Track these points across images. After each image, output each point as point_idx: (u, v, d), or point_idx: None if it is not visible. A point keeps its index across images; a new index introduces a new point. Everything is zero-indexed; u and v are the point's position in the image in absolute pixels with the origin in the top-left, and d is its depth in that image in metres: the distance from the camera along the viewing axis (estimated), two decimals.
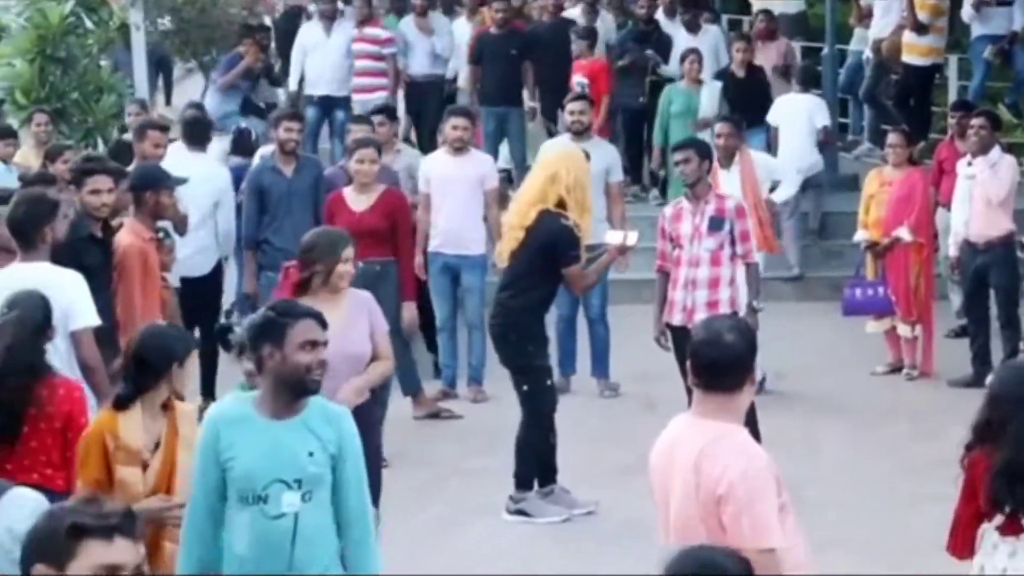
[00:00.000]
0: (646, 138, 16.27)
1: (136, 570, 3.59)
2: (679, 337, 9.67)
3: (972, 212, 12.11)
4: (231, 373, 8.12)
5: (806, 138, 15.05)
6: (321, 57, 16.26)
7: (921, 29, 16.03)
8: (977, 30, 16.16)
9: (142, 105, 14.37)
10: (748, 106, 14.74)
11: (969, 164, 12.32)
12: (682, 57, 15.65)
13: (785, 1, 18.47)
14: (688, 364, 5.20)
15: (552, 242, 9.20)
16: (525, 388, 9.37)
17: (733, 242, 10.01)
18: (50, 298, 7.21)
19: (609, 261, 9.71)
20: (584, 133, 11.98)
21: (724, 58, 16.53)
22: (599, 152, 11.74)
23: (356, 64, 16.24)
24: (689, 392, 5.27)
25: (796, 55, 17.21)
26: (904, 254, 12.30)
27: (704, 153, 10.25)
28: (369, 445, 6.66)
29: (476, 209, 11.68)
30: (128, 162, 10.21)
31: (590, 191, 9.50)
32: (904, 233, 12.23)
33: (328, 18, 16.42)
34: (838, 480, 9.99)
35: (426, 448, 10.71)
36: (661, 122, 15.26)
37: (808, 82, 15.53)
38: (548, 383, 9.43)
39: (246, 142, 13.86)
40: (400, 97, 16.92)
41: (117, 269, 8.45)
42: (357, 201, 10.57)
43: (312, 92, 16.34)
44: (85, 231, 8.32)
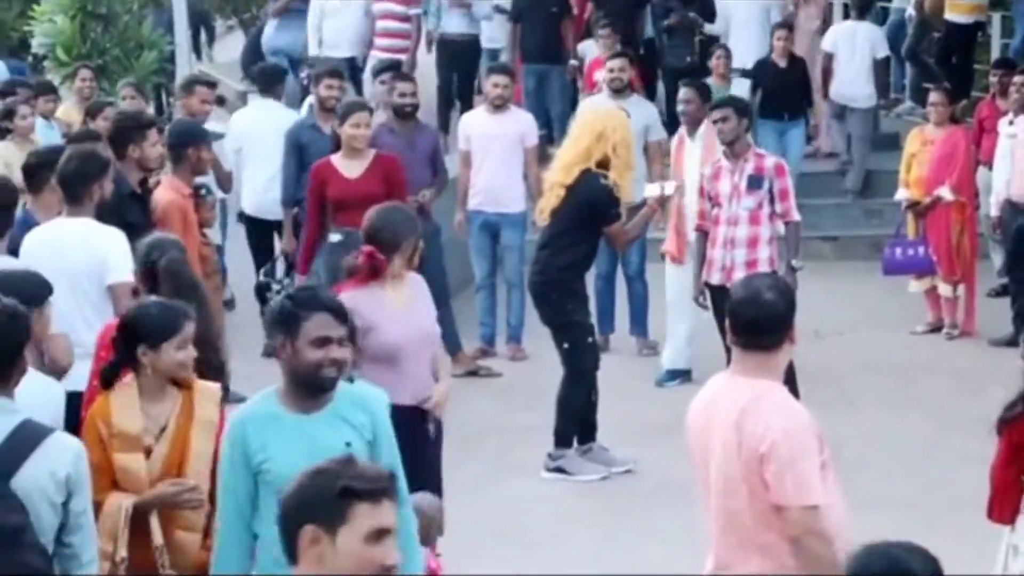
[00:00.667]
0: None
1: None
2: (718, 296, 9.67)
3: (1014, 171, 12.04)
4: None
5: (864, 67, 15.01)
6: (341, 19, 15.76)
7: None
8: None
9: (137, 88, 13.37)
10: (788, 97, 14.52)
11: (1011, 123, 12.27)
12: (709, 52, 15.09)
13: None
14: (727, 323, 5.21)
15: (593, 201, 9.20)
16: (566, 346, 9.39)
17: (772, 200, 9.99)
18: (91, 251, 7.30)
19: (650, 215, 9.73)
20: (623, 91, 11.95)
21: (776, 15, 16.06)
22: (638, 110, 11.71)
23: (379, 24, 15.76)
24: (728, 351, 5.27)
25: (836, 15, 17.09)
26: (945, 213, 12.24)
27: (742, 112, 10.23)
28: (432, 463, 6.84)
29: (516, 167, 11.67)
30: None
31: (634, 150, 9.50)
32: (945, 192, 12.16)
33: None
34: (877, 439, 9.98)
35: (465, 406, 10.71)
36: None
37: (864, 10, 15.46)
38: (589, 340, 9.44)
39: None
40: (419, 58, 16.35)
41: (158, 226, 8.47)
42: (349, 167, 10.04)
43: (332, 55, 15.52)
44: (127, 188, 8.35)
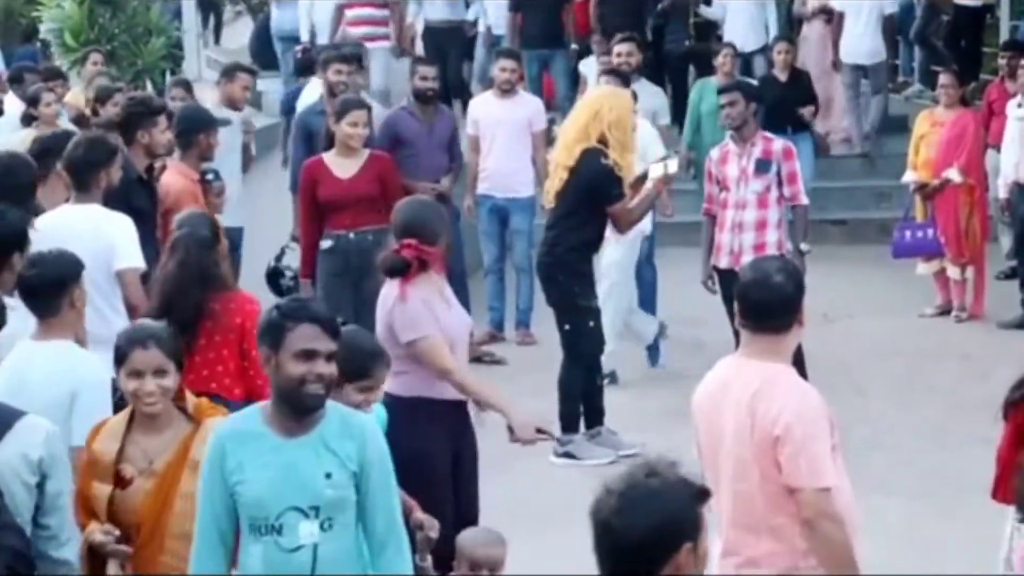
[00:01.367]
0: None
1: None
2: (726, 280, 9.67)
3: (1022, 154, 12.03)
4: None
5: (872, 22, 15.04)
6: (332, 3, 15.55)
7: None
8: None
9: (186, 87, 13.10)
10: (791, 111, 14.09)
11: (1019, 105, 12.26)
12: (715, 52, 14.68)
13: None
14: (736, 305, 5.21)
15: (593, 181, 9.17)
16: (567, 327, 9.39)
17: (780, 184, 9.98)
18: (99, 238, 7.30)
19: (655, 194, 9.65)
20: (632, 75, 11.93)
21: (772, 10, 15.93)
22: (646, 95, 11.70)
23: (352, 13, 15.21)
24: (736, 334, 5.27)
25: None
26: (954, 195, 12.22)
27: (751, 95, 10.21)
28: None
29: (524, 151, 11.68)
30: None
31: (631, 131, 9.44)
32: (954, 174, 12.14)
33: None
34: (886, 422, 9.98)
35: None
36: (691, 120, 13.77)
37: None
38: (591, 324, 9.43)
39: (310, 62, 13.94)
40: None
41: (170, 213, 8.46)
42: (342, 167, 9.62)
43: (322, 41, 15.34)
44: (134, 173, 8.36)
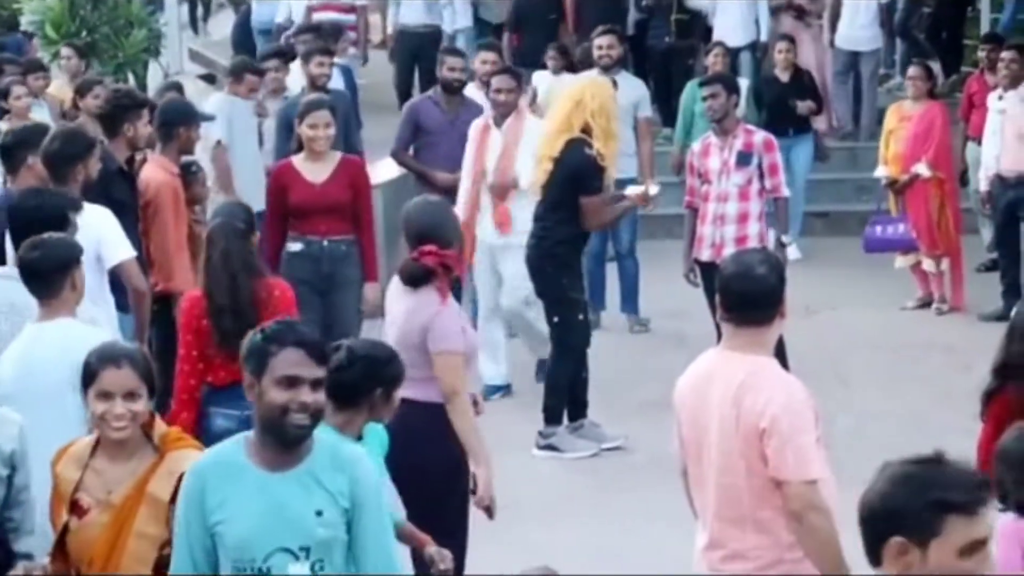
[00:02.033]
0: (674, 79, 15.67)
1: None
2: (708, 272, 9.68)
3: (1003, 146, 12.05)
4: None
5: (871, 8, 15.13)
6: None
7: None
8: None
9: (179, 90, 13.55)
10: (792, 112, 13.73)
11: (1000, 98, 12.26)
12: (707, 51, 14.26)
13: None
14: (718, 298, 5.21)
15: (576, 171, 9.16)
16: (556, 320, 9.39)
17: (762, 176, 9.99)
18: (83, 235, 7.27)
19: (629, 208, 9.72)
20: (612, 68, 11.93)
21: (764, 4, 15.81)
22: (628, 86, 11.70)
23: (319, 17, 14.94)
24: (719, 327, 5.27)
25: None
26: (924, 189, 12.17)
27: (732, 88, 10.24)
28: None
29: None
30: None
31: (615, 119, 9.41)
32: (922, 169, 12.11)
33: None
34: (868, 414, 10.00)
35: None
36: (683, 121, 13.38)
37: None
38: (580, 317, 9.43)
39: None
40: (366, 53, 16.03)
41: (151, 206, 8.47)
42: (313, 171, 9.09)
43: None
44: (114, 165, 8.34)
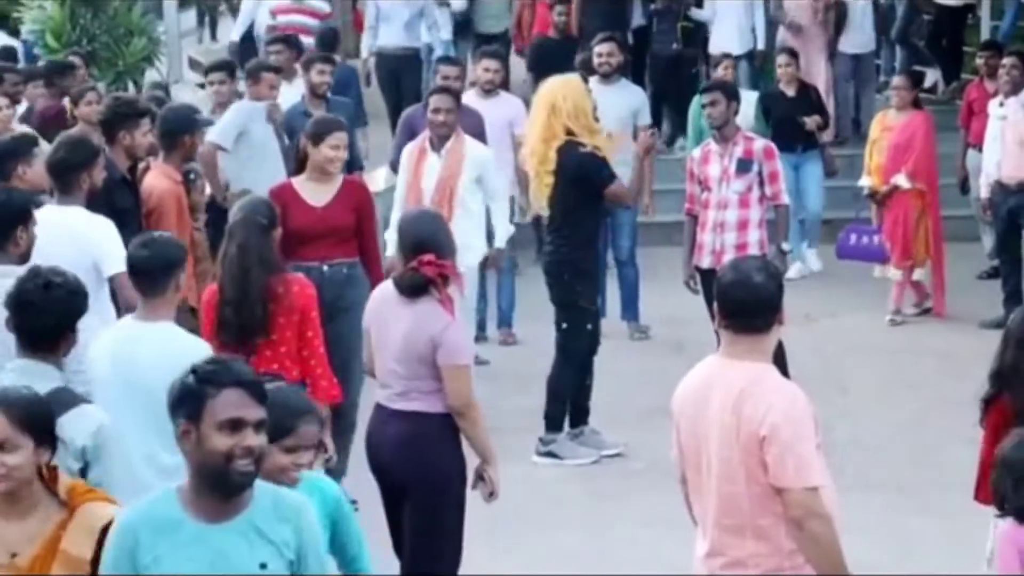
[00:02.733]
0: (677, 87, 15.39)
1: None
2: (708, 280, 9.67)
3: (1003, 153, 12.05)
4: None
5: (869, 12, 15.18)
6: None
7: None
8: None
9: (166, 90, 13.17)
10: (800, 127, 13.41)
11: (1001, 104, 12.27)
12: (715, 63, 14.22)
13: None
14: (716, 305, 5.22)
15: (580, 172, 9.14)
16: (564, 326, 9.39)
17: (762, 183, 10.01)
18: (81, 242, 7.30)
19: (642, 165, 9.63)
20: (612, 75, 11.94)
21: (760, 12, 15.69)
22: (627, 95, 11.73)
23: (283, 19, 14.59)
24: (719, 334, 5.28)
25: None
26: (904, 200, 12.14)
27: (732, 95, 10.25)
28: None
29: (505, 152, 11.65)
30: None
31: (590, 114, 9.22)
32: (902, 180, 12.10)
33: None
34: (867, 421, 10.01)
35: None
36: (693, 132, 12.90)
37: None
38: (588, 327, 9.40)
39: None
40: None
41: (153, 214, 8.47)
42: (315, 194, 8.59)
43: None
44: (117, 174, 8.34)
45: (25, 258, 6.62)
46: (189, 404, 4.14)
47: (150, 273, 6.17)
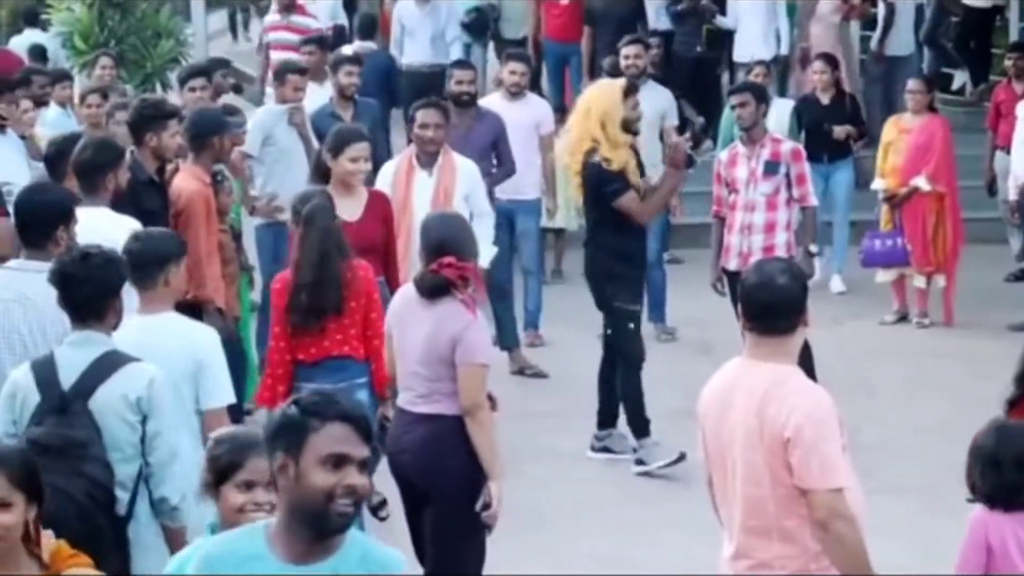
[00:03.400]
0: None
1: None
2: (735, 282, 9.66)
3: None
4: None
5: (910, 16, 15.27)
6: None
7: None
8: None
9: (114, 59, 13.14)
10: (829, 137, 12.93)
11: None
12: (744, 69, 13.94)
13: None
14: (740, 307, 5.22)
15: (591, 183, 9.13)
16: (609, 331, 9.37)
17: (789, 186, 10.00)
18: (106, 240, 7.30)
19: (672, 184, 9.32)
20: (639, 77, 11.92)
21: (783, 20, 15.56)
22: (654, 96, 11.70)
23: (273, 56, 14.26)
24: (745, 337, 5.28)
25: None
26: (922, 203, 12.05)
27: (761, 97, 10.25)
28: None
29: (531, 153, 11.66)
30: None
31: (617, 124, 9.09)
32: (922, 182, 12.01)
33: None
34: (894, 423, 9.99)
35: None
36: (724, 140, 12.46)
37: None
38: (630, 326, 9.32)
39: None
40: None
41: (182, 216, 8.49)
42: (344, 208, 8.10)
43: None
44: (144, 175, 8.38)
45: None
46: (290, 436, 3.84)
47: (142, 266, 6.26)
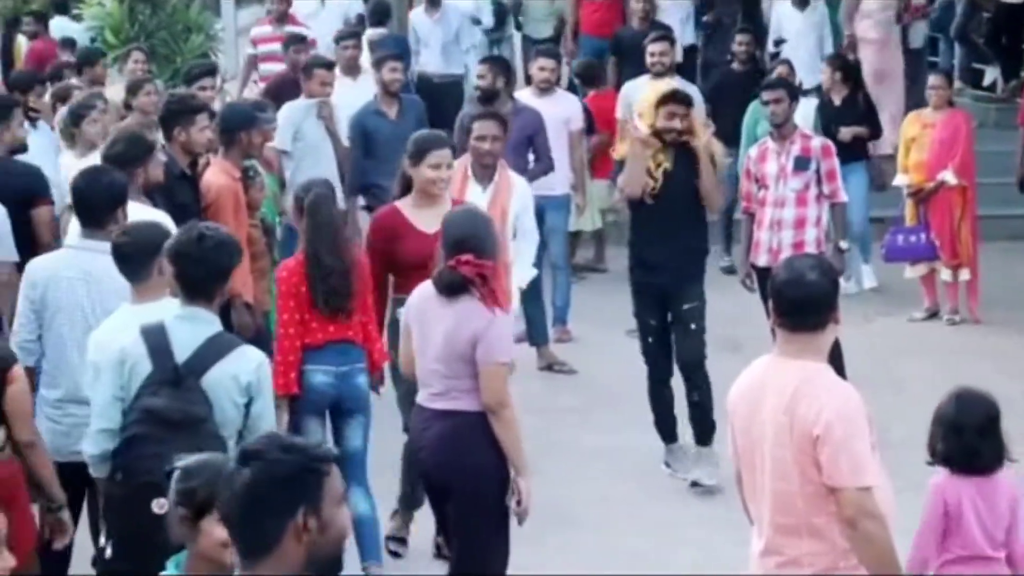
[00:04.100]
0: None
1: None
2: (765, 278, 9.66)
3: None
4: None
5: None
6: (316, 23, 15.07)
7: None
8: None
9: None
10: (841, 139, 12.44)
11: None
12: (770, 69, 13.68)
13: None
14: (770, 304, 5.21)
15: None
16: (693, 326, 9.43)
17: (819, 182, 9.98)
18: None
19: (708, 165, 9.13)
20: (665, 74, 11.93)
21: (829, 45, 15.38)
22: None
23: (263, 68, 14.26)
24: (774, 333, 5.28)
25: None
26: (948, 198, 12.08)
27: (793, 95, 10.27)
28: None
29: (561, 150, 11.67)
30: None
31: (627, 122, 9.25)
32: (949, 176, 12.03)
33: None
34: (923, 421, 9.91)
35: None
36: (746, 142, 12.34)
37: None
38: (648, 340, 9.36)
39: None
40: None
41: (211, 209, 8.52)
42: (426, 219, 7.67)
43: None
44: (177, 170, 8.41)
45: None
46: (312, 487, 3.60)
47: (131, 257, 6.33)
